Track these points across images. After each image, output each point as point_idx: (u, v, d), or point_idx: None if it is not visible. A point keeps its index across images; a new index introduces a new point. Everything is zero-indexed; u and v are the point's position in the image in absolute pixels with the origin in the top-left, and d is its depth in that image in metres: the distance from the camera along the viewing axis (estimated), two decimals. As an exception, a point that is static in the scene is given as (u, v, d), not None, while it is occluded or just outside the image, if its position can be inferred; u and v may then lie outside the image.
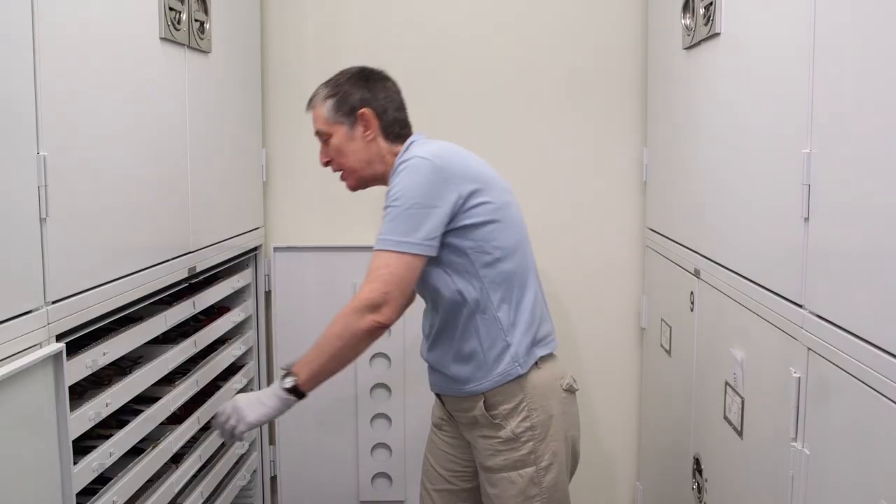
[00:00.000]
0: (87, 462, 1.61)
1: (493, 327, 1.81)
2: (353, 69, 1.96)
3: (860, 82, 1.27)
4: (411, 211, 1.70)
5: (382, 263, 1.70)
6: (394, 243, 1.70)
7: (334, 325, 1.72)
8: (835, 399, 1.35)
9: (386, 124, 1.90)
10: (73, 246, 1.55)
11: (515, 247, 1.84)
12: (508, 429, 1.82)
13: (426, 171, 1.73)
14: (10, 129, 1.36)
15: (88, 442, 1.68)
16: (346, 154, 1.90)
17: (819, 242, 1.41)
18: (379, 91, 1.92)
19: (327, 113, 1.90)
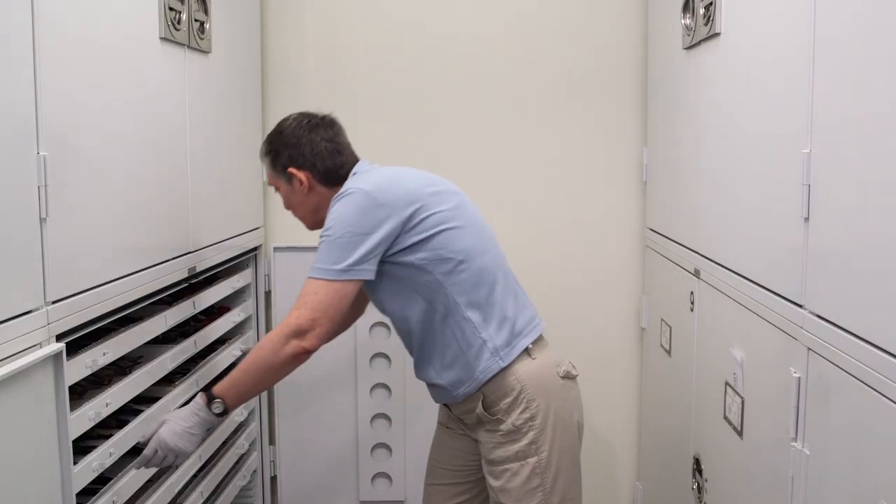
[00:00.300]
0: (87, 462, 1.61)
1: (467, 328, 1.85)
2: (289, 121, 2.00)
3: (860, 82, 1.27)
4: (342, 240, 1.75)
5: (311, 290, 1.75)
6: (322, 271, 1.75)
7: (260, 350, 1.76)
8: (835, 399, 1.35)
9: (319, 175, 1.95)
10: (73, 246, 1.55)
11: (474, 246, 1.87)
12: (509, 421, 1.84)
13: (359, 201, 1.78)
14: (10, 129, 1.36)
15: (88, 442, 1.68)
16: (293, 205, 2.00)
17: (819, 242, 1.41)
18: (305, 147, 1.95)
19: (267, 169, 2.00)
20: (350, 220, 1.77)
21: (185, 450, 1.73)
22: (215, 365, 2.35)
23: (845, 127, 1.32)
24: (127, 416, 1.83)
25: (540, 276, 2.91)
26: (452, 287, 1.83)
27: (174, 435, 1.72)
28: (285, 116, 2.03)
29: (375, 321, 2.83)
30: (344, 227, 1.76)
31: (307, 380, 2.83)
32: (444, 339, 1.87)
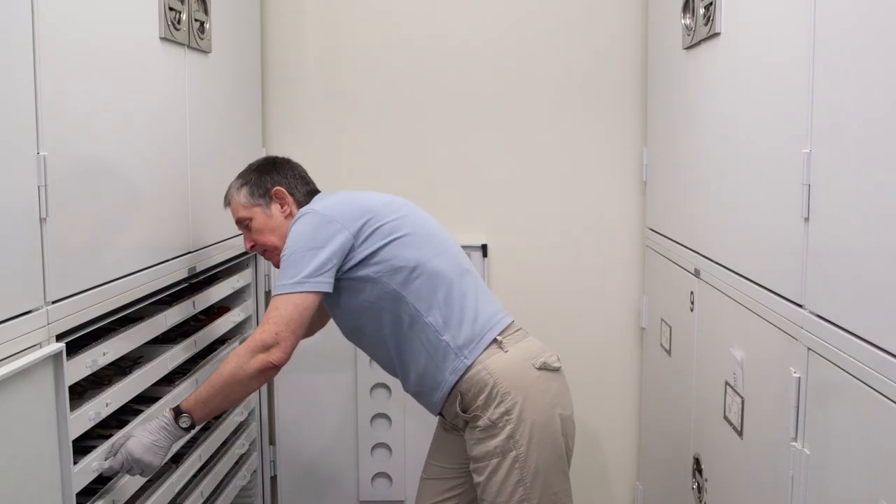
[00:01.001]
0: (87, 462, 1.61)
1: (430, 332, 1.89)
2: (256, 162, 2.11)
3: (860, 82, 1.27)
4: (295, 256, 1.84)
5: (273, 307, 1.82)
6: (281, 287, 1.83)
7: (227, 365, 1.80)
8: (835, 399, 1.35)
9: (299, 199, 2.05)
10: (73, 246, 1.55)
11: (424, 253, 1.92)
12: (485, 417, 1.87)
13: (308, 220, 1.88)
14: (10, 129, 1.36)
15: (88, 442, 1.68)
16: (267, 233, 2.04)
17: (819, 242, 1.41)
18: (286, 172, 2.08)
19: (244, 198, 2.04)
20: (302, 237, 1.86)
21: (152, 463, 1.74)
22: (215, 365, 2.35)
23: (845, 127, 1.32)
24: (127, 416, 1.83)
25: (540, 277, 2.91)
26: (410, 295, 1.89)
27: (142, 447, 1.72)
28: (250, 163, 2.12)
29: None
30: (297, 244, 1.85)
31: (307, 380, 2.83)
32: (414, 347, 1.91)
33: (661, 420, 2.65)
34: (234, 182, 2.09)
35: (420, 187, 2.87)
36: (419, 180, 2.89)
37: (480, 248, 2.84)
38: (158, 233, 1.95)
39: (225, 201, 2.10)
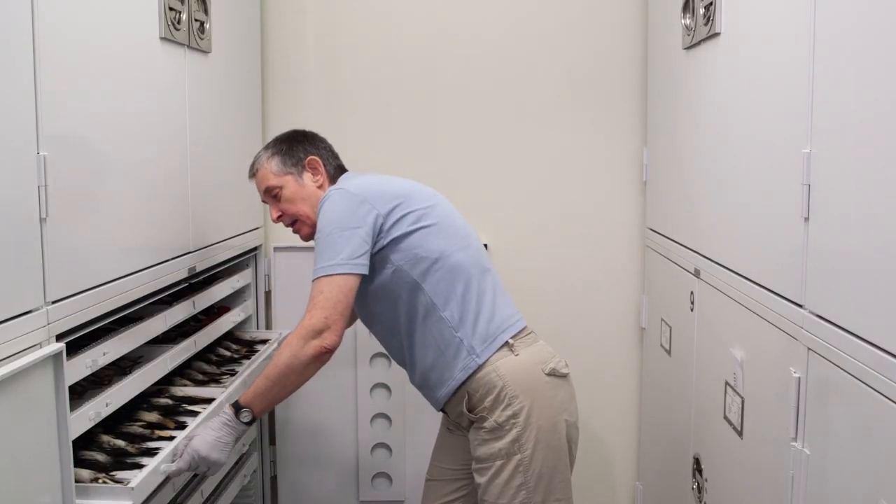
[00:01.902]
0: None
1: (444, 327, 1.88)
2: (285, 132, 2.10)
3: (860, 82, 1.27)
4: (332, 237, 1.81)
5: (317, 291, 1.79)
6: (322, 269, 1.80)
7: (281, 356, 1.78)
8: (835, 399, 1.35)
9: (330, 171, 2.05)
10: (73, 246, 1.55)
11: (449, 245, 1.91)
12: (492, 419, 1.86)
13: (340, 199, 1.86)
14: (10, 129, 1.36)
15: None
16: (298, 202, 2.01)
17: (819, 242, 1.41)
18: (319, 143, 2.08)
19: (275, 167, 2.02)
20: (338, 217, 1.83)
21: (219, 460, 1.76)
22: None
23: (845, 127, 1.32)
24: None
25: (540, 276, 2.91)
26: (429, 286, 1.87)
27: (207, 445, 1.74)
28: (275, 136, 2.11)
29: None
30: (332, 224, 1.82)
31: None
32: (425, 340, 1.90)
33: (661, 420, 2.65)
34: (261, 152, 2.06)
35: (420, 187, 2.87)
36: (419, 180, 2.87)
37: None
38: (158, 233, 1.95)
39: (251, 171, 2.07)
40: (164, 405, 2.00)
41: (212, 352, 2.43)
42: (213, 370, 2.31)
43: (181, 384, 2.16)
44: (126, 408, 1.93)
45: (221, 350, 2.47)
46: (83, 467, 1.63)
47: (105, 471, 1.64)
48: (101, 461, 1.68)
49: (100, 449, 1.73)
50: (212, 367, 2.33)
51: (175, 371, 2.13)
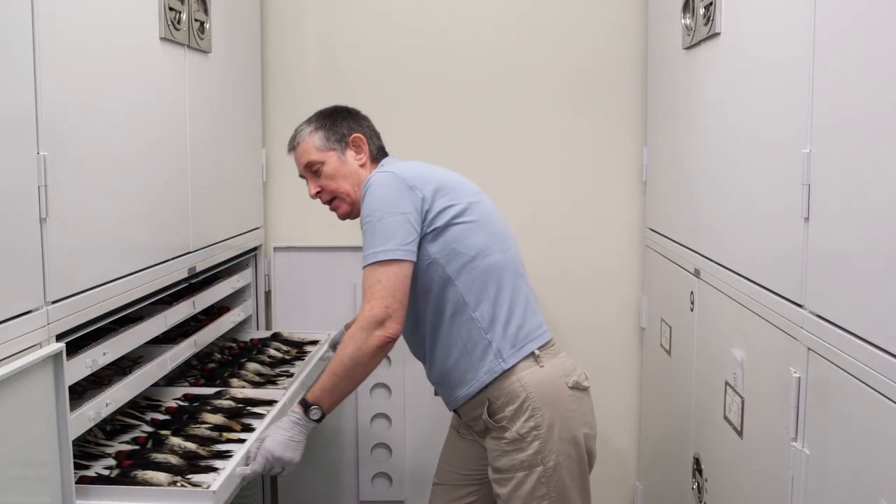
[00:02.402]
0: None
1: (473, 327, 1.85)
2: (329, 107, 2.08)
3: (860, 82, 1.27)
4: (384, 221, 1.77)
5: (374, 280, 1.76)
6: (376, 255, 1.76)
7: (345, 350, 1.75)
8: (835, 399, 1.35)
9: (372, 150, 2.02)
10: (73, 246, 1.55)
11: (488, 244, 1.88)
12: (513, 430, 1.82)
13: (388, 182, 1.81)
14: (10, 129, 1.36)
15: (88, 442, 1.69)
16: (340, 178, 1.97)
17: (819, 242, 1.41)
18: (363, 120, 2.06)
19: (318, 142, 1.99)
20: (387, 201, 1.79)
21: (293, 459, 1.74)
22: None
23: (845, 127, 1.32)
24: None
25: (540, 276, 2.90)
26: (462, 284, 1.84)
27: (280, 445, 1.72)
28: (316, 111, 2.07)
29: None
30: (382, 209, 1.78)
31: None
32: (451, 338, 1.87)
33: (661, 420, 2.65)
34: (303, 126, 2.03)
35: (420, 187, 2.87)
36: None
37: (480, 248, 2.84)
38: (158, 233, 1.95)
39: (291, 144, 2.04)
40: (228, 407, 2.01)
41: (262, 353, 2.46)
42: (268, 371, 2.33)
43: (239, 385, 2.18)
44: (188, 410, 1.97)
45: (272, 351, 2.49)
46: (157, 470, 1.64)
47: (181, 474, 1.65)
48: (174, 464, 1.69)
49: (171, 452, 1.74)
50: (266, 369, 2.34)
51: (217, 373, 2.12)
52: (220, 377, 2.25)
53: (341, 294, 2.84)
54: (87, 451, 1.76)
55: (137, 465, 1.67)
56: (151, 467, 1.66)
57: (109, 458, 1.74)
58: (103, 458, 1.75)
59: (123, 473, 1.65)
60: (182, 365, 2.31)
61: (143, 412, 2.00)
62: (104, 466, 1.70)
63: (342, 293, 2.84)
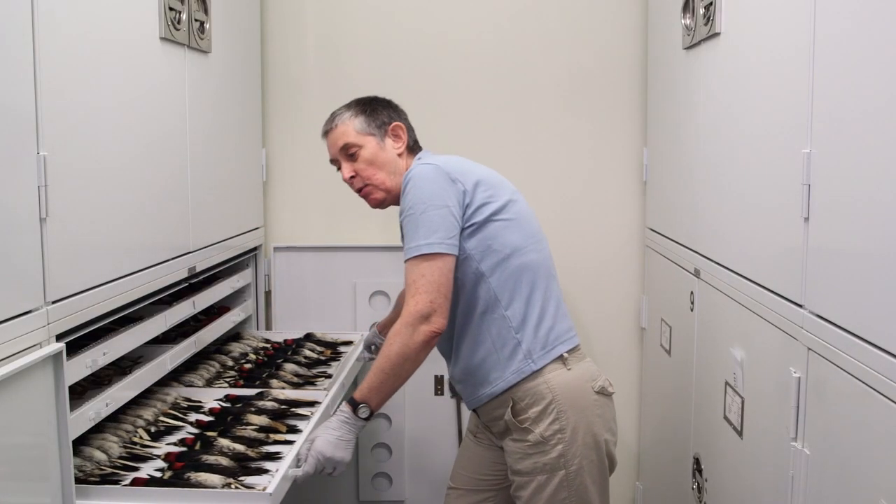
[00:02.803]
0: (87, 462, 1.61)
1: (503, 326, 1.83)
2: (367, 96, 2.04)
3: (860, 82, 1.27)
4: (427, 214, 1.75)
5: (418, 274, 1.74)
6: (419, 248, 1.74)
7: (392, 347, 1.74)
8: (835, 399, 1.35)
9: (409, 142, 2.00)
10: (73, 246, 1.55)
11: (524, 243, 1.85)
12: (537, 432, 1.80)
13: (432, 175, 1.79)
14: (10, 129, 1.36)
15: (88, 442, 1.69)
16: (377, 165, 1.93)
17: (819, 242, 1.41)
18: (401, 111, 2.04)
19: (358, 125, 1.95)
20: (430, 193, 1.77)
21: (344, 458, 1.74)
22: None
23: (845, 127, 1.32)
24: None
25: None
26: (496, 282, 1.82)
27: (330, 445, 1.72)
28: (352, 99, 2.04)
29: (376, 321, 2.83)
30: (425, 202, 1.76)
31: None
32: (479, 335, 1.84)
33: (661, 420, 2.65)
34: (342, 111, 1.99)
35: (420, 187, 2.87)
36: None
37: (480, 248, 2.84)
38: (158, 233, 1.95)
39: (326, 126, 2.00)
40: (272, 409, 2.02)
41: (298, 354, 2.47)
42: (305, 372, 2.34)
43: (279, 386, 2.19)
44: (231, 412, 1.99)
45: (307, 352, 2.50)
46: (210, 472, 1.65)
47: (233, 476, 1.66)
48: (226, 466, 1.70)
49: (220, 453, 1.75)
50: (303, 369, 2.35)
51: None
52: (259, 378, 2.26)
53: (341, 294, 2.84)
54: (134, 453, 1.78)
55: (190, 467, 1.68)
56: (204, 469, 1.67)
57: (158, 460, 1.75)
58: (151, 459, 1.76)
59: (177, 475, 1.65)
60: (218, 365, 2.33)
61: (185, 413, 2.02)
62: (155, 468, 1.71)
63: (342, 293, 2.84)
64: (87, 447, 1.73)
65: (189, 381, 2.21)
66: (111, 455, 1.74)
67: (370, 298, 2.84)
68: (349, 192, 2.04)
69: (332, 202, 2.88)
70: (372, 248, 2.84)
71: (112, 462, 1.72)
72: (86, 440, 1.76)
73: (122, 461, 1.73)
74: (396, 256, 2.83)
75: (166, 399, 2.06)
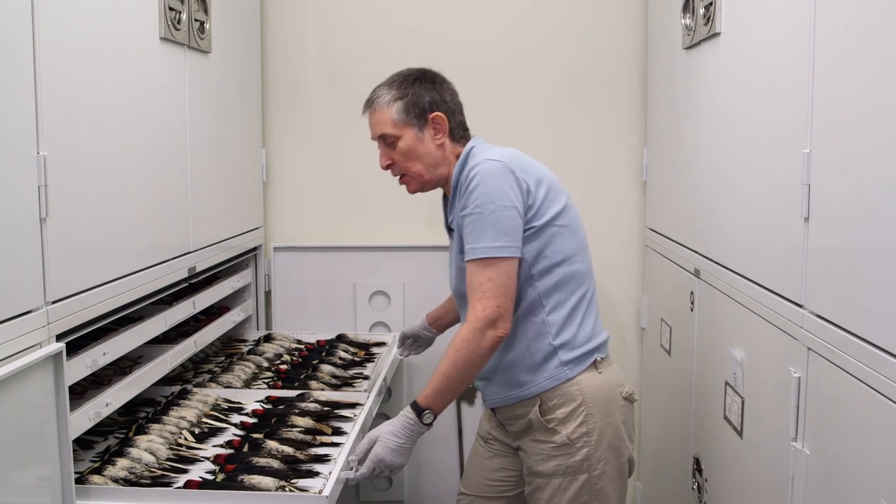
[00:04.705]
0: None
1: (542, 331, 1.80)
2: (414, 71, 1.94)
3: (860, 82, 1.27)
4: (496, 215, 1.71)
5: (485, 277, 1.70)
6: (487, 250, 1.71)
7: (459, 352, 1.71)
8: (835, 399, 1.35)
9: (453, 126, 1.89)
10: (73, 246, 1.55)
11: (574, 252, 1.83)
12: (564, 433, 1.78)
13: (499, 172, 1.74)
14: (10, 129, 1.36)
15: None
16: (415, 157, 1.87)
17: (819, 242, 1.41)
18: (446, 93, 1.92)
19: (396, 115, 1.86)
20: (497, 193, 1.72)
21: (402, 465, 1.73)
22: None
23: (845, 127, 1.32)
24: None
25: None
26: (542, 286, 1.79)
27: (391, 452, 1.70)
28: (400, 71, 1.96)
29: (376, 321, 2.84)
30: (495, 202, 1.71)
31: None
32: (514, 336, 1.80)
33: (661, 420, 2.65)
34: (384, 89, 1.91)
35: (420, 187, 2.87)
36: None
37: (480, 248, 2.84)
38: (158, 233, 1.95)
39: (366, 106, 1.94)
40: (315, 410, 2.03)
41: (332, 355, 2.49)
42: (342, 373, 2.35)
43: (318, 388, 2.20)
44: (275, 413, 2.00)
45: (341, 353, 2.52)
46: (262, 475, 1.66)
47: (285, 479, 1.66)
48: (277, 468, 1.71)
49: (270, 455, 1.75)
50: (339, 371, 2.37)
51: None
52: (297, 379, 2.27)
53: (341, 294, 2.84)
54: (181, 455, 1.78)
55: (242, 470, 1.68)
56: (256, 472, 1.67)
57: (207, 462, 1.76)
58: (199, 461, 1.77)
59: (229, 478, 1.66)
60: (254, 366, 2.35)
61: (227, 414, 2.03)
62: (205, 471, 1.72)
63: (342, 293, 2.84)
64: (135, 448, 1.74)
65: (227, 381, 2.22)
66: (159, 457, 1.75)
67: (370, 298, 2.84)
68: (349, 192, 2.04)
69: (332, 202, 2.88)
70: (372, 248, 2.84)
71: (161, 464, 1.72)
72: (131, 441, 1.78)
73: (170, 463, 1.73)
74: (396, 256, 2.83)
75: (207, 400, 2.06)
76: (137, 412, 2.01)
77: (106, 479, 1.62)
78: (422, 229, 2.86)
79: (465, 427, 2.89)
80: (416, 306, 2.82)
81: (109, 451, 1.76)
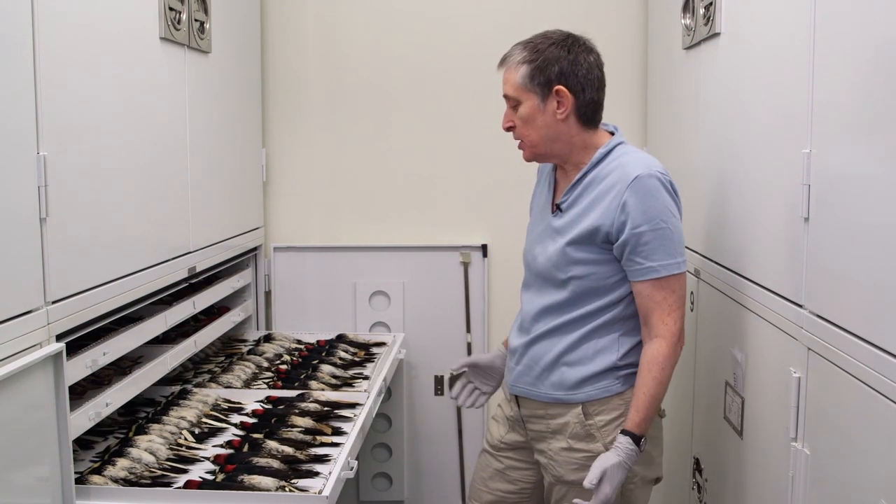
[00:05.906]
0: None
1: (610, 348, 1.76)
2: (557, 34, 1.82)
3: (860, 82, 1.27)
4: (676, 230, 1.70)
5: (669, 291, 1.69)
6: (674, 266, 1.69)
7: (664, 371, 1.69)
8: (835, 399, 1.35)
9: (581, 104, 1.76)
10: (73, 246, 1.55)
11: None
12: (602, 443, 1.74)
13: (669, 185, 1.71)
14: (10, 129, 1.36)
15: (88, 442, 1.69)
16: (532, 126, 1.77)
17: (819, 242, 1.41)
18: (581, 66, 1.76)
19: (520, 79, 1.77)
20: (673, 205, 1.70)
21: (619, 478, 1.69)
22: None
23: (845, 127, 1.32)
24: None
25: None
26: (631, 309, 1.75)
27: (616, 490, 1.67)
28: (546, 31, 1.84)
29: (376, 321, 2.84)
30: (675, 216, 1.70)
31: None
32: (585, 338, 1.76)
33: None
34: (518, 48, 1.81)
35: (420, 187, 2.88)
36: (419, 179, 2.89)
37: (480, 248, 2.84)
38: (158, 233, 1.95)
39: (501, 63, 1.85)
40: (315, 410, 2.03)
41: (332, 355, 2.50)
42: (342, 373, 2.36)
43: (318, 388, 2.20)
44: (275, 413, 2.00)
45: (341, 353, 2.52)
46: (262, 475, 1.66)
47: (285, 479, 1.67)
48: (277, 468, 1.71)
49: (270, 456, 1.76)
50: (339, 371, 2.37)
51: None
52: (297, 379, 2.27)
53: (341, 294, 2.84)
54: (181, 455, 1.78)
55: (242, 470, 1.69)
56: (256, 472, 1.68)
57: (207, 462, 1.76)
58: (199, 462, 1.77)
59: (229, 478, 1.66)
60: (254, 366, 2.36)
61: (227, 414, 2.03)
62: (205, 471, 1.72)
63: (342, 293, 2.84)
64: (135, 448, 1.74)
65: (227, 381, 2.22)
66: (159, 457, 1.75)
67: (370, 298, 2.84)
68: (349, 193, 2.04)
69: (332, 202, 2.88)
70: (372, 248, 2.84)
71: (161, 464, 1.73)
72: (131, 441, 1.77)
73: (170, 463, 1.74)
74: (396, 256, 2.84)
75: (207, 400, 2.06)
76: (137, 412, 2.01)
77: (106, 479, 1.62)
78: (422, 229, 2.86)
79: (465, 427, 2.89)
80: (416, 306, 2.83)
81: (109, 451, 1.76)
